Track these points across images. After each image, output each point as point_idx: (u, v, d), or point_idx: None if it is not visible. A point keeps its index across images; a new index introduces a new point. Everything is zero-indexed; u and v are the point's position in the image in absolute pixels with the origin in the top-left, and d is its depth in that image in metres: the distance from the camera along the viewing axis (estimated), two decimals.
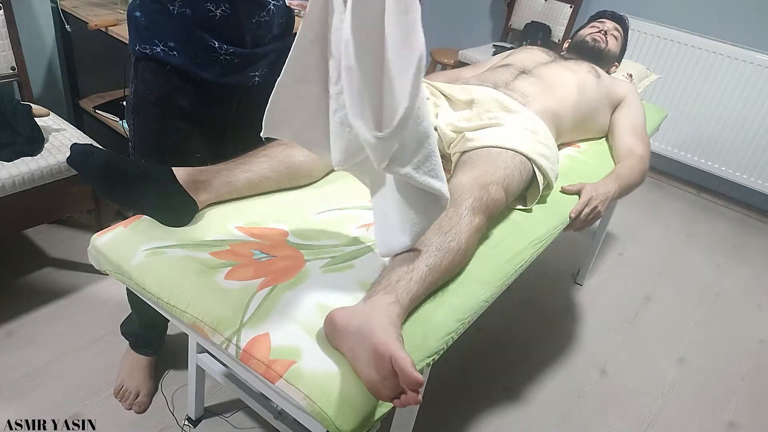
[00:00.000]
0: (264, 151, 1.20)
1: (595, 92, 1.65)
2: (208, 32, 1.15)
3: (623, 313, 2.19)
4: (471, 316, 1.00)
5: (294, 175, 1.21)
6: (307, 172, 1.23)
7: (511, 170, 1.23)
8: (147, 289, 0.96)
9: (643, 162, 1.58)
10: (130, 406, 1.52)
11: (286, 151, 1.20)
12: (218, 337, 0.88)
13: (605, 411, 1.76)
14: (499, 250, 1.15)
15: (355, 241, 1.10)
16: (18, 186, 1.59)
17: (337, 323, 0.84)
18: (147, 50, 1.18)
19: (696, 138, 3.08)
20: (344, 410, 0.79)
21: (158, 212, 1.05)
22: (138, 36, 1.19)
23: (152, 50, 1.17)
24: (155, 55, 1.17)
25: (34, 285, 1.86)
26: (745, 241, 2.84)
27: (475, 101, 1.43)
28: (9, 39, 1.83)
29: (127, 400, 1.52)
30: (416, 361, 0.86)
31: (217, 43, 1.17)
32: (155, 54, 1.17)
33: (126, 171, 1.00)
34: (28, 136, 1.65)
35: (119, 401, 1.53)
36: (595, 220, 1.41)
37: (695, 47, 2.92)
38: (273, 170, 1.17)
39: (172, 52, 1.17)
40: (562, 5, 3.19)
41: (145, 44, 1.18)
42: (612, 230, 2.71)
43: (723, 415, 1.82)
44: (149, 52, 1.18)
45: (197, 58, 1.18)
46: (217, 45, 1.17)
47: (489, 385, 1.77)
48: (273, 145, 1.21)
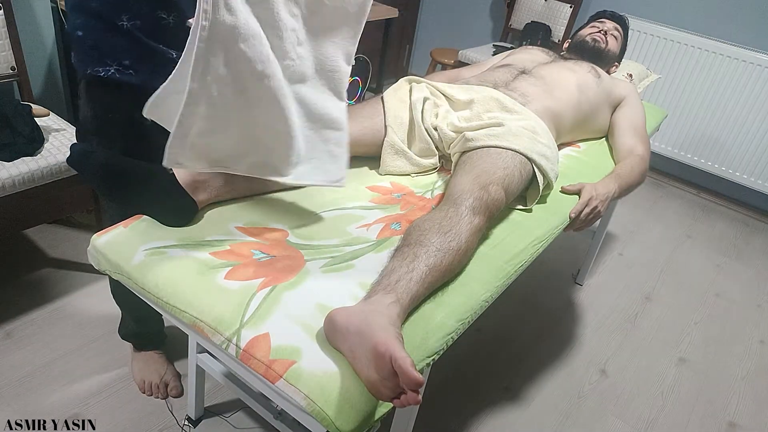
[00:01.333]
0: None
1: (595, 92, 1.65)
2: (164, 43, 1.07)
3: (623, 313, 2.19)
4: (471, 316, 1.00)
5: None
6: None
7: (511, 170, 1.23)
8: (147, 289, 0.96)
9: (644, 162, 1.58)
10: (166, 395, 1.54)
11: None
12: (218, 337, 0.88)
13: (605, 411, 1.76)
14: (499, 250, 1.15)
15: (355, 241, 1.10)
16: (18, 186, 1.59)
17: (337, 323, 0.84)
18: (100, 72, 1.06)
19: (696, 138, 3.08)
20: (344, 410, 0.79)
21: (158, 212, 1.05)
22: (87, 57, 1.07)
23: (106, 72, 1.06)
24: (110, 77, 1.07)
25: (34, 285, 1.86)
26: (746, 241, 2.84)
27: (475, 101, 1.43)
28: (9, 39, 1.83)
29: (160, 392, 1.54)
30: (416, 361, 0.86)
31: (175, 53, 1.07)
32: (110, 76, 1.06)
33: (126, 171, 1.00)
34: (28, 136, 1.65)
35: (153, 397, 1.54)
36: (595, 220, 1.41)
37: (695, 47, 2.92)
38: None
39: (128, 70, 1.06)
40: (562, 5, 3.19)
41: (96, 66, 1.06)
42: (612, 230, 2.71)
43: (723, 415, 1.82)
44: (103, 75, 1.06)
45: (156, 74, 1.04)
46: (175, 55, 1.06)
47: (489, 385, 1.77)
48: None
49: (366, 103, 1.43)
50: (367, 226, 1.15)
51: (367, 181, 1.33)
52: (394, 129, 1.37)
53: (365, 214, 1.19)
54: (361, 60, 2.89)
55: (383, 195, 1.29)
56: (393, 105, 1.40)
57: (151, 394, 1.54)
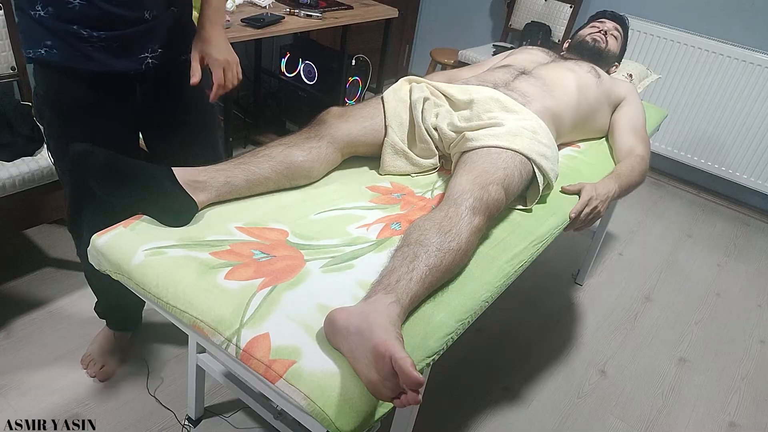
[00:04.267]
0: (264, 151, 1.20)
1: (595, 92, 1.65)
2: (75, 23, 1.13)
3: (623, 313, 2.19)
4: (471, 316, 1.00)
5: (293, 175, 1.21)
6: (307, 173, 1.23)
7: (511, 170, 1.23)
8: (147, 289, 0.96)
9: (644, 162, 1.58)
10: (94, 374, 1.58)
11: (286, 151, 1.20)
12: (218, 337, 0.88)
13: (605, 411, 1.76)
14: (499, 250, 1.15)
15: (355, 241, 1.10)
16: (18, 186, 1.59)
17: (338, 323, 0.84)
18: (31, 53, 1.17)
19: (696, 138, 3.08)
20: (344, 410, 0.79)
21: (158, 212, 1.05)
22: (23, 39, 1.18)
23: (35, 52, 1.16)
24: (39, 57, 1.16)
25: (34, 285, 1.86)
26: (746, 241, 2.84)
27: (475, 101, 1.43)
28: (9, 39, 1.83)
29: (92, 369, 1.59)
30: (416, 361, 0.86)
31: (86, 32, 1.14)
32: (39, 56, 1.16)
33: (126, 171, 1.01)
34: (28, 136, 1.65)
35: (84, 369, 1.60)
36: (596, 220, 1.41)
37: (695, 47, 2.92)
38: (273, 170, 1.18)
39: (53, 50, 1.15)
40: (562, 5, 3.19)
41: (29, 48, 1.17)
42: (612, 230, 2.71)
43: (723, 415, 1.82)
44: (33, 55, 1.17)
45: (75, 51, 1.15)
46: (86, 34, 1.14)
47: (489, 385, 1.77)
48: (273, 145, 1.21)
49: (366, 103, 1.43)
50: (367, 226, 1.15)
51: (367, 181, 1.33)
52: (394, 129, 1.37)
53: (365, 214, 1.19)
54: (361, 60, 2.89)
55: (383, 195, 1.29)
56: (393, 105, 1.40)
57: (85, 367, 1.60)
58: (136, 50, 1.22)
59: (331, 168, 1.32)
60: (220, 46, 1.25)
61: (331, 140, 1.28)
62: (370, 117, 1.37)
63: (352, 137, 1.32)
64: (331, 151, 1.28)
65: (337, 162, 1.32)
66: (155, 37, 1.23)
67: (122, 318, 1.64)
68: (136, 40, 1.21)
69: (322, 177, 1.30)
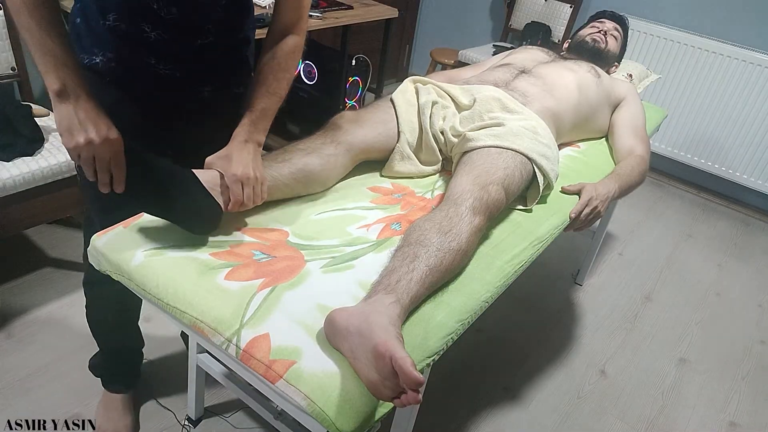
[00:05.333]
0: (283, 155, 1.17)
1: (595, 92, 1.65)
2: (145, 50, 1.08)
3: (623, 313, 2.19)
4: (471, 316, 1.00)
5: (310, 182, 1.20)
6: (324, 181, 1.22)
7: (511, 170, 1.23)
8: (147, 289, 0.96)
9: (644, 162, 1.58)
10: None
11: (305, 159, 1.18)
12: (218, 338, 0.88)
13: (605, 411, 1.76)
14: (499, 250, 1.15)
15: (355, 241, 1.10)
16: (18, 186, 1.59)
17: (338, 323, 0.84)
18: (86, 60, 1.08)
19: (696, 138, 3.08)
20: (344, 410, 0.79)
21: (184, 216, 0.99)
22: (78, 43, 1.09)
23: (91, 60, 1.08)
24: (93, 66, 1.08)
25: (34, 285, 1.86)
26: (747, 241, 2.84)
27: (477, 101, 1.43)
28: (9, 39, 1.83)
29: None
30: (416, 361, 0.86)
31: (154, 60, 1.09)
32: (93, 64, 1.08)
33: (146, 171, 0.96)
34: (28, 137, 1.65)
35: None
36: (596, 220, 1.41)
37: (695, 47, 2.92)
38: (292, 177, 1.15)
39: (111, 63, 1.08)
40: (562, 5, 3.19)
41: (84, 53, 1.09)
42: (612, 230, 2.71)
43: (723, 415, 1.82)
44: (87, 62, 1.08)
45: (135, 72, 1.09)
46: (153, 62, 1.09)
47: (489, 386, 1.77)
48: (291, 150, 1.18)
49: (376, 106, 1.41)
50: (368, 227, 1.15)
51: (367, 182, 1.33)
52: (406, 135, 1.36)
53: (366, 215, 1.19)
54: (361, 60, 2.89)
55: (384, 195, 1.29)
56: (404, 109, 1.39)
57: None
58: (196, 83, 1.16)
59: (344, 175, 1.30)
60: (242, 161, 1.06)
61: (349, 147, 1.26)
62: (383, 122, 1.36)
63: (367, 143, 1.31)
64: (348, 159, 1.27)
65: (349, 169, 1.31)
66: (218, 73, 1.18)
67: (120, 372, 1.49)
68: (200, 75, 1.15)
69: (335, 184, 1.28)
